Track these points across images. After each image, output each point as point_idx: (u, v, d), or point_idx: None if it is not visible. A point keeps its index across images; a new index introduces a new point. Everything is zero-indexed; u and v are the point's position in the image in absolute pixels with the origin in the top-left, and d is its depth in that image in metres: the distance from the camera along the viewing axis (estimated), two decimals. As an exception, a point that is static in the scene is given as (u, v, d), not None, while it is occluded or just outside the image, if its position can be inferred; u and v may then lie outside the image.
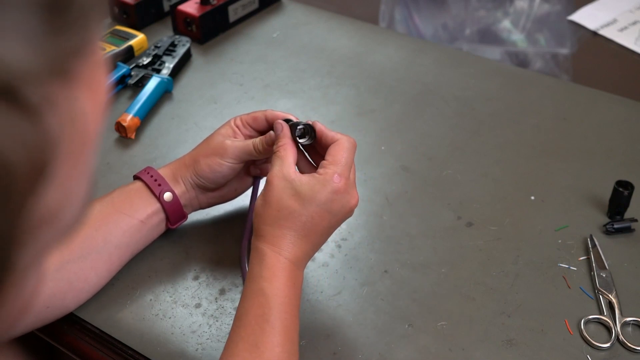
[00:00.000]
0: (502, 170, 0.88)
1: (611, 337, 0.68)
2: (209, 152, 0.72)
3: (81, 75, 0.29)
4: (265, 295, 0.59)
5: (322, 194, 0.62)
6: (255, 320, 0.58)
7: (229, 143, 0.72)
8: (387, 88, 1.03)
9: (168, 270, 0.75)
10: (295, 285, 0.62)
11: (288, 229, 0.62)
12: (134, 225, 0.71)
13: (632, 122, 0.96)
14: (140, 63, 1.04)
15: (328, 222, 0.64)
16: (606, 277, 0.73)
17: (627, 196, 0.79)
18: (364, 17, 1.21)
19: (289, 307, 0.60)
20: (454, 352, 0.67)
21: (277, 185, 0.63)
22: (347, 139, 0.66)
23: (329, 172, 0.63)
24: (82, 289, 0.68)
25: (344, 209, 0.64)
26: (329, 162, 0.64)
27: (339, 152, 0.65)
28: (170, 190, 0.72)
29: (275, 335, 0.58)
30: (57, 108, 0.27)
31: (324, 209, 0.63)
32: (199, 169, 0.72)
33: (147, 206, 0.71)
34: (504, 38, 1.23)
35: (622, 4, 1.26)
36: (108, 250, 0.69)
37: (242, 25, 1.17)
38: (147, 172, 0.73)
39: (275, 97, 1.01)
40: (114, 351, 0.68)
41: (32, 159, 0.26)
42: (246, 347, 0.57)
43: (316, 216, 0.62)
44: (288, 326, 0.59)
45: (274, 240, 0.62)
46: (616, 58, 1.14)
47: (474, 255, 0.77)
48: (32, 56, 0.26)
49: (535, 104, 1.00)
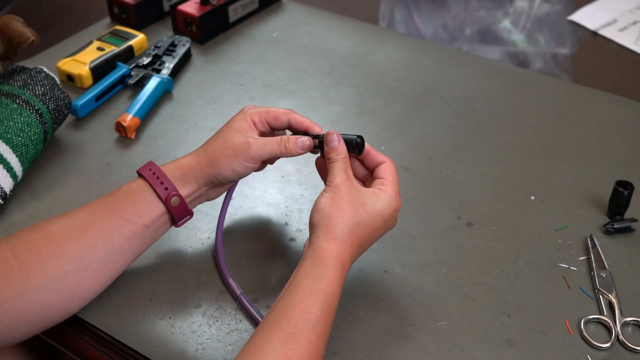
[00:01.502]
0: (502, 170, 0.88)
1: (611, 337, 0.68)
2: (230, 152, 0.68)
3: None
4: (318, 297, 0.60)
5: (389, 210, 0.66)
6: (300, 316, 0.59)
7: (253, 142, 0.69)
8: (387, 88, 1.03)
9: (168, 270, 0.75)
10: (340, 293, 0.63)
11: (357, 236, 0.65)
12: (138, 231, 0.67)
13: (632, 122, 0.96)
14: (140, 63, 1.04)
15: (379, 236, 0.68)
16: (606, 277, 0.73)
17: (627, 196, 0.79)
18: (364, 17, 1.21)
19: (332, 315, 0.61)
20: (454, 352, 0.67)
21: (349, 192, 0.66)
22: (391, 161, 0.71)
23: (393, 191, 0.68)
24: (84, 297, 0.67)
25: (392, 226, 0.69)
26: (389, 182, 0.68)
27: (394, 173, 0.69)
28: (177, 195, 0.68)
29: (315, 336, 0.58)
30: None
31: (385, 225, 0.67)
32: (220, 170, 0.69)
33: (152, 210, 0.68)
34: (504, 38, 1.23)
35: (622, 4, 1.26)
36: (111, 259, 0.67)
37: (242, 25, 1.17)
38: (150, 169, 0.68)
39: (275, 97, 1.01)
40: (114, 351, 0.68)
41: None
42: (283, 337, 0.57)
43: (377, 229, 0.66)
44: (327, 331, 0.60)
45: (341, 245, 0.63)
46: (616, 58, 1.14)
47: (474, 255, 0.77)
48: None
49: (535, 104, 1.00)
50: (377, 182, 0.69)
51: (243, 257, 0.76)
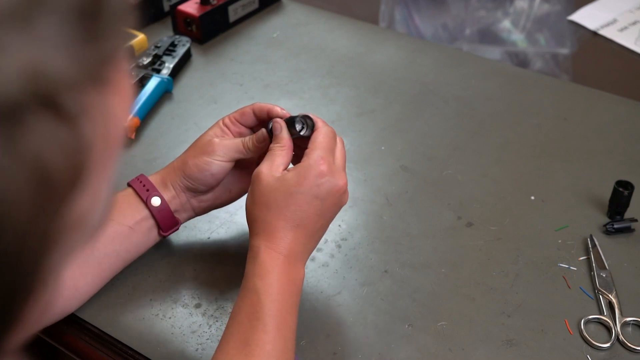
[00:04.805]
0: (502, 170, 0.88)
1: (611, 337, 0.68)
2: (197, 152, 0.70)
3: (112, 81, 0.29)
4: (258, 293, 0.59)
5: (308, 180, 0.62)
6: (247, 318, 0.58)
7: (217, 141, 0.70)
8: (387, 88, 1.03)
9: (168, 270, 0.75)
10: (292, 281, 0.61)
11: (278, 220, 0.62)
12: (122, 231, 0.69)
13: (632, 122, 0.96)
14: (140, 63, 1.04)
15: (318, 209, 0.63)
16: (606, 277, 0.73)
17: (627, 196, 0.79)
18: (364, 17, 1.21)
19: (282, 304, 0.59)
20: (454, 352, 0.67)
21: (263, 181, 0.63)
22: (324, 124, 0.67)
23: (313, 157, 0.63)
24: (71, 297, 0.67)
25: (332, 192, 0.63)
26: (311, 149, 0.64)
27: (319, 139, 0.65)
28: (158, 195, 0.70)
29: (266, 333, 0.57)
30: (93, 115, 0.28)
31: (310, 195, 0.62)
32: (187, 170, 0.70)
33: (135, 212, 0.70)
34: (504, 38, 1.23)
35: (622, 4, 1.26)
36: (97, 258, 0.68)
37: (242, 25, 1.17)
38: (138, 179, 0.71)
39: (275, 97, 1.01)
40: (114, 351, 0.68)
41: (70, 165, 0.27)
42: (236, 345, 0.57)
43: (304, 204, 0.62)
44: (281, 323, 0.59)
45: (266, 235, 0.62)
46: (616, 58, 1.14)
47: (474, 255, 0.77)
48: (71, 64, 0.26)
49: (535, 104, 1.00)
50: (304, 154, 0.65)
51: (244, 257, 0.76)
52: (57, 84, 0.26)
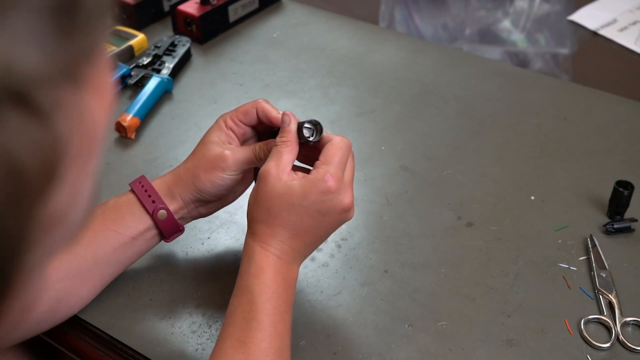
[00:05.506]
0: (502, 170, 0.88)
1: (611, 337, 0.68)
2: (208, 165, 0.67)
3: (89, 78, 0.29)
4: (252, 292, 0.59)
5: (312, 194, 0.61)
6: (242, 317, 0.58)
7: (229, 154, 0.68)
8: (387, 88, 1.03)
9: (168, 270, 0.75)
10: (286, 280, 0.61)
11: (278, 226, 0.61)
12: (125, 242, 0.67)
13: (632, 122, 0.96)
14: (140, 63, 1.04)
15: (319, 223, 0.62)
16: (606, 277, 0.73)
17: (627, 196, 0.79)
18: (364, 17, 1.21)
19: (277, 303, 0.59)
20: (454, 352, 0.67)
21: (269, 182, 0.62)
22: (340, 139, 0.64)
23: (320, 172, 0.61)
24: (73, 304, 0.67)
25: (336, 210, 0.62)
26: (322, 162, 0.62)
27: (332, 151, 0.63)
28: (165, 208, 0.68)
29: (261, 332, 0.57)
30: (67, 111, 0.28)
31: (313, 209, 0.61)
32: (200, 185, 0.68)
33: (139, 223, 0.68)
34: (504, 38, 1.23)
35: (622, 4, 1.26)
36: (99, 268, 0.67)
37: (242, 25, 1.17)
38: (140, 183, 0.69)
39: (275, 97, 1.01)
40: (114, 351, 0.68)
41: (43, 161, 0.27)
42: (232, 344, 0.57)
43: (305, 217, 0.61)
44: (276, 322, 0.59)
45: (264, 238, 0.61)
46: (616, 58, 1.14)
47: (474, 255, 0.77)
48: (43, 60, 0.26)
49: (535, 104, 1.00)
50: (314, 166, 0.63)
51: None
52: (29, 80, 0.26)
